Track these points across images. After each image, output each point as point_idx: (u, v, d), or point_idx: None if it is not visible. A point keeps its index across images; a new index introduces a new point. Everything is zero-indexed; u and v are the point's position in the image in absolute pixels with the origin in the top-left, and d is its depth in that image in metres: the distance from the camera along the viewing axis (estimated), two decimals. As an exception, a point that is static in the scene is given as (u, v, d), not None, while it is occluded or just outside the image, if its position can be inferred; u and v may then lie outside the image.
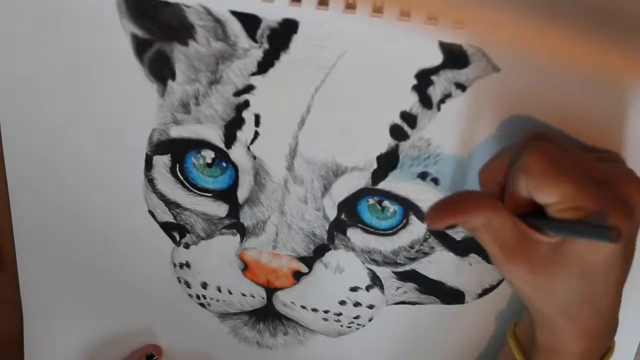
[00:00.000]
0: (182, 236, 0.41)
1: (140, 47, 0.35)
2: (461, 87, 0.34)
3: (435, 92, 0.35)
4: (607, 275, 0.31)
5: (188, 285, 0.43)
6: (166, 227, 0.41)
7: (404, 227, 0.39)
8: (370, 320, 0.43)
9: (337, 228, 0.39)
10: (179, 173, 0.39)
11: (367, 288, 0.41)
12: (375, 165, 0.37)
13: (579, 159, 0.31)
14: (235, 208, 0.39)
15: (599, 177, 0.30)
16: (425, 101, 0.35)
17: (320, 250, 0.40)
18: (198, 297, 0.43)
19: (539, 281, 0.31)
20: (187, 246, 0.41)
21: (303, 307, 0.42)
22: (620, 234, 0.26)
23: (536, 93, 0.34)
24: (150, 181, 0.39)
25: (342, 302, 0.42)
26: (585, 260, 0.30)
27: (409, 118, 0.35)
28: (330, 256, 0.40)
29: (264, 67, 0.35)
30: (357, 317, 0.43)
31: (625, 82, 0.34)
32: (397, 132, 0.36)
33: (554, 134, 0.33)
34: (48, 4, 0.34)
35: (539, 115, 0.35)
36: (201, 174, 0.39)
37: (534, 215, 0.31)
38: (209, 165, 0.38)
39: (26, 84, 0.37)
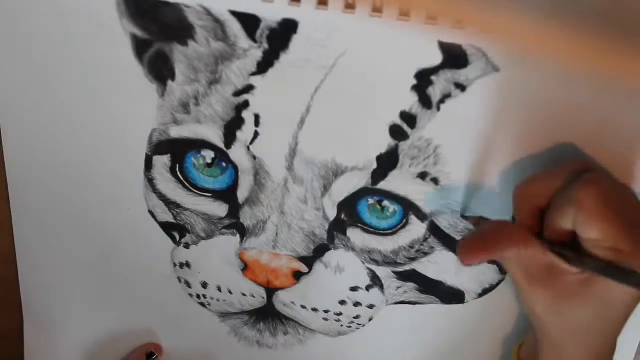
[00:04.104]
0: (182, 236, 0.41)
1: (140, 47, 0.35)
2: (461, 87, 0.34)
3: (435, 92, 0.34)
4: (624, 312, 0.32)
5: (188, 285, 0.43)
6: (166, 227, 0.41)
7: (403, 227, 0.39)
8: (370, 320, 0.43)
9: (337, 228, 0.39)
10: (179, 173, 0.39)
11: (367, 288, 0.41)
12: (375, 165, 0.37)
13: (627, 199, 0.31)
14: (235, 208, 0.39)
15: (637, 219, 0.30)
16: (425, 101, 0.35)
17: (321, 250, 0.40)
18: (198, 296, 0.43)
19: (557, 309, 0.33)
20: (187, 246, 0.41)
21: (303, 307, 0.42)
22: None
23: (536, 93, 0.34)
24: (150, 181, 0.39)
25: (342, 302, 0.42)
26: (608, 298, 0.31)
27: (409, 118, 0.35)
28: (330, 256, 0.40)
29: (263, 67, 0.35)
30: (357, 317, 0.43)
31: (626, 82, 0.33)
32: (397, 132, 0.36)
33: (593, 161, 0.34)
34: (48, 5, 0.34)
35: (538, 115, 0.35)
36: (201, 174, 0.39)
37: (565, 244, 0.32)
38: (209, 165, 0.38)
39: (26, 84, 0.37)
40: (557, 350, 0.34)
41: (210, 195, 0.39)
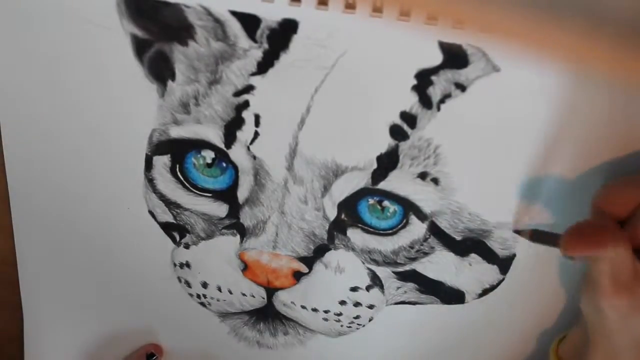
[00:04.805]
0: (182, 236, 0.41)
1: (140, 47, 0.35)
2: (461, 87, 0.34)
3: (435, 92, 0.34)
4: None
5: (188, 284, 0.43)
6: (166, 227, 0.41)
7: (404, 227, 0.39)
8: (370, 320, 0.43)
9: (337, 228, 0.39)
10: (179, 173, 0.39)
11: (367, 288, 0.41)
12: (375, 165, 0.37)
13: None
14: (235, 208, 0.39)
15: None
16: (425, 101, 0.35)
17: (321, 250, 0.40)
18: (198, 296, 0.43)
19: (632, 319, 0.32)
20: (187, 246, 0.41)
21: (303, 307, 0.42)
22: None
23: (536, 94, 0.34)
24: (150, 181, 0.39)
25: (343, 302, 0.42)
26: None
27: (409, 118, 0.35)
28: (330, 256, 0.40)
29: (263, 67, 0.35)
30: (357, 317, 0.43)
31: (629, 81, 0.33)
32: (397, 132, 0.36)
33: None
34: (48, 4, 0.34)
35: (538, 115, 0.35)
36: (201, 174, 0.39)
37: None
38: (209, 166, 0.38)
39: (26, 84, 0.37)
40: (613, 357, 0.34)
41: (210, 195, 0.39)
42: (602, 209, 0.33)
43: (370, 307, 0.42)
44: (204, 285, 0.43)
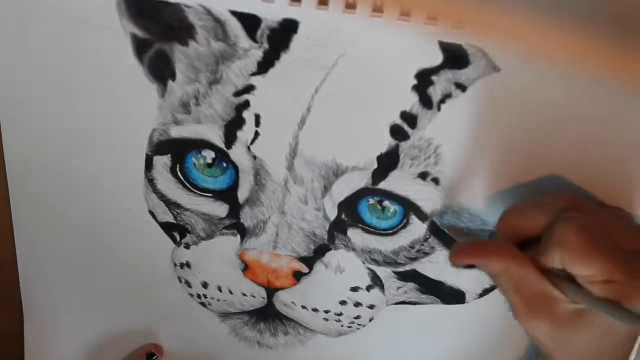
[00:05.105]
0: (182, 236, 0.41)
1: (140, 47, 0.35)
2: (461, 87, 0.34)
3: (435, 92, 0.34)
4: (629, 336, 0.32)
5: (188, 284, 0.43)
6: (166, 227, 0.41)
7: (404, 227, 0.39)
8: (370, 320, 0.43)
9: (338, 228, 0.39)
10: (179, 173, 0.39)
11: (368, 288, 0.41)
12: (375, 165, 0.37)
13: (610, 229, 0.31)
14: (235, 208, 0.39)
15: (627, 246, 0.30)
16: (426, 101, 0.35)
17: (321, 250, 0.40)
18: (199, 296, 0.43)
19: (559, 335, 0.32)
20: (187, 246, 0.41)
21: (303, 307, 0.42)
22: None
23: (536, 93, 0.34)
24: (151, 181, 0.39)
25: (343, 302, 0.42)
26: (609, 326, 0.31)
27: (409, 118, 0.35)
28: (330, 256, 0.40)
29: (264, 67, 0.35)
30: (357, 317, 0.43)
31: (628, 83, 0.33)
32: (397, 132, 0.36)
33: (579, 196, 0.34)
34: (48, 4, 0.34)
35: (538, 115, 0.35)
36: (201, 174, 0.39)
37: (559, 274, 0.31)
38: (210, 165, 0.38)
39: (26, 84, 0.37)
40: None
41: (210, 195, 0.39)
42: (506, 231, 0.34)
43: (371, 307, 0.42)
44: (204, 285, 0.43)
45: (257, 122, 0.36)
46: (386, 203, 0.38)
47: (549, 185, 0.36)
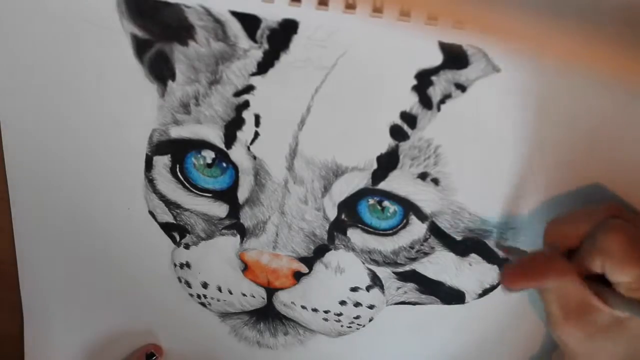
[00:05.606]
0: (182, 236, 0.41)
1: (140, 47, 0.35)
2: (461, 87, 0.34)
3: (435, 93, 0.34)
4: None
5: (188, 285, 0.43)
6: (166, 228, 0.41)
7: (404, 227, 0.39)
8: (370, 320, 0.43)
9: (337, 228, 0.39)
10: (179, 173, 0.39)
11: (368, 288, 0.41)
12: (375, 166, 0.37)
13: None
14: (235, 208, 0.39)
15: None
16: (425, 101, 0.35)
17: (321, 251, 0.40)
18: (199, 296, 0.43)
19: (591, 344, 0.33)
20: (187, 246, 0.41)
21: (303, 307, 0.42)
22: None
23: (536, 94, 0.34)
24: (151, 181, 0.39)
25: (343, 303, 0.42)
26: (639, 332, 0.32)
27: (409, 118, 0.35)
28: (330, 256, 0.40)
29: (263, 67, 0.35)
30: (357, 317, 0.43)
31: (628, 82, 0.33)
32: (397, 133, 0.36)
33: (620, 205, 0.34)
34: (48, 4, 0.34)
35: (538, 115, 0.35)
36: (201, 174, 0.39)
37: (600, 282, 0.32)
38: (209, 166, 0.38)
39: (26, 84, 0.37)
40: None
41: (210, 195, 0.39)
42: (552, 239, 0.34)
43: (371, 307, 0.42)
44: (204, 285, 0.43)
45: (257, 123, 0.36)
46: (386, 203, 0.38)
47: (549, 185, 0.36)
